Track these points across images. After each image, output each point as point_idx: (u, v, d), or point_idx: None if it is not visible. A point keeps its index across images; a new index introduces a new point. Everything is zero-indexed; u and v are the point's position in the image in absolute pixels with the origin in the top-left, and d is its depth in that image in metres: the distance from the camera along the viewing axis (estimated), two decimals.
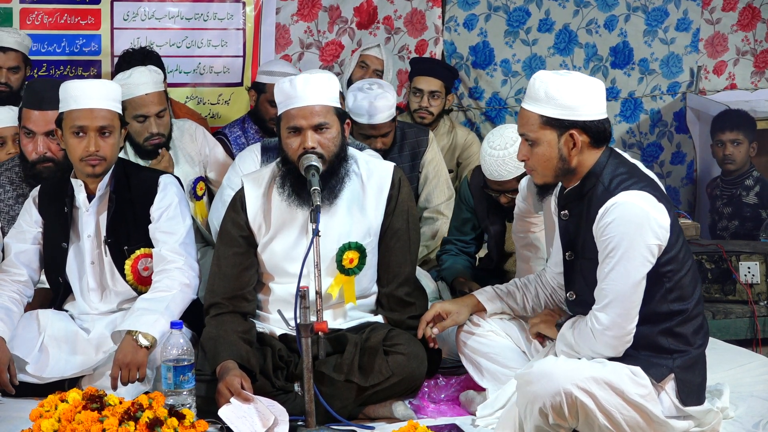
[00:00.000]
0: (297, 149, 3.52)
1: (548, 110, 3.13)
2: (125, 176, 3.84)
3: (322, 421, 3.31)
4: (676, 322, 3.13)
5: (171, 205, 3.84)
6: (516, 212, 4.09)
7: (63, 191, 3.84)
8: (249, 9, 5.85)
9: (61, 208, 3.83)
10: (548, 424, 3.05)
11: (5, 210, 4.13)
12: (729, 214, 5.96)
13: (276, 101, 3.61)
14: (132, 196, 3.82)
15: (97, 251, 3.84)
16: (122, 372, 3.50)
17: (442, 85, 5.38)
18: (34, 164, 4.04)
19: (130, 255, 3.81)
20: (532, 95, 3.16)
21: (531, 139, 3.17)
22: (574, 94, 3.12)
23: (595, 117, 3.14)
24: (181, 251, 3.79)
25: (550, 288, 3.55)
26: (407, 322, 3.68)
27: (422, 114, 5.34)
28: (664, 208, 3.07)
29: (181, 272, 3.75)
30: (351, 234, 3.62)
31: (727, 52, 6.67)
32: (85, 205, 3.80)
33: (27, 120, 4.03)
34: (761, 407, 3.47)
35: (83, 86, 3.75)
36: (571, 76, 3.16)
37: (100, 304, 3.86)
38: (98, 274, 3.85)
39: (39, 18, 5.55)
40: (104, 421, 2.93)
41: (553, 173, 3.19)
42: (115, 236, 3.81)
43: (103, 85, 3.83)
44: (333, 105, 3.56)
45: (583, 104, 3.12)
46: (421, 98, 5.36)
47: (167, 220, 3.82)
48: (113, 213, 3.79)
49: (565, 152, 3.15)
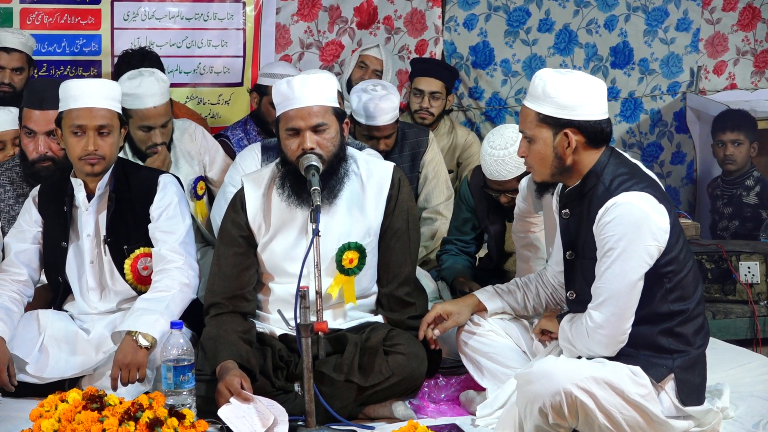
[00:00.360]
0: (296, 150, 3.52)
1: (544, 108, 3.13)
2: (125, 175, 3.84)
3: (322, 421, 3.31)
4: (677, 322, 3.13)
5: (171, 205, 3.84)
6: (516, 212, 4.09)
7: (63, 190, 3.84)
8: (249, 9, 5.85)
9: (61, 208, 3.83)
10: (548, 423, 3.05)
11: (5, 210, 4.13)
12: (729, 214, 5.96)
13: (274, 102, 3.62)
14: (132, 196, 3.82)
15: (96, 250, 3.84)
16: (122, 372, 3.50)
17: (442, 85, 5.38)
18: (34, 163, 4.04)
19: (130, 254, 3.81)
20: (532, 92, 3.17)
21: (528, 136, 3.19)
22: (571, 94, 3.12)
23: (592, 117, 3.13)
24: (181, 251, 3.79)
25: (551, 287, 3.55)
26: (407, 322, 3.68)
27: (423, 114, 5.34)
28: (665, 209, 3.07)
29: (180, 272, 3.75)
30: (351, 234, 3.62)
31: (727, 52, 6.67)
32: (85, 205, 3.80)
33: (28, 120, 4.04)
34: (761, 407, 3.47)
35: (82, 85, 3.75)
36: (573, 75, 3.16)
37: (99, 303, 3.86)
38: (98, 274, 3.85)
39: (39, 18, 5.55)
40: (104, 421, 2.93)
41: (549, 171, 3.20)
42: (114, 235, 3.81)
43: (103, 84, 3.83)
44: (331, 105, 3.56)
45: (580, 104, 3.12)
46: (421, 99, 5.36)
47: (167, 219, 3.82)
48: (113, 212, 3.79)
49: (560, 151, 3.15)
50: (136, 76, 4.44)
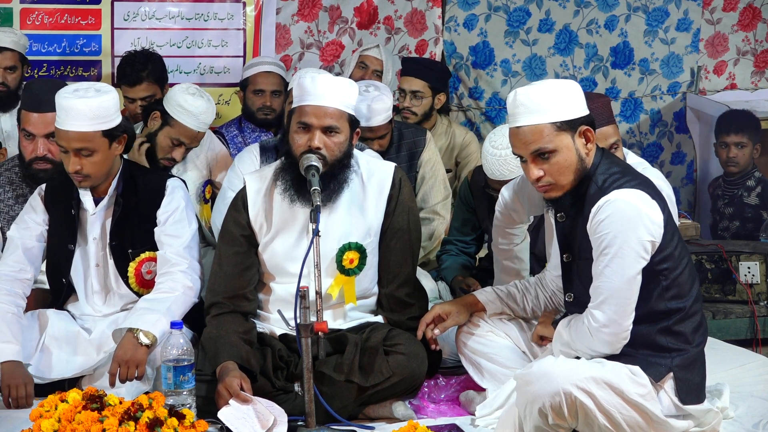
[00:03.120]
0: (302, 145, 3.52)
1: (557, 115, 3.12)
2: (132, 179, 3.82)
3: (322, 421, 3.32)
4: (675, 321, 3.13)
5: (178, 209, 3.83)
6: (496, 224, 3.96)
7: (70, 193, 3.81)
8: (249, 9, 5.85)
9: (68, 211, 3.81)
10: (548, 424, 3.05)
11: (5, 210, 4.12)
12: (730, 215, 5.96)
13: (293, 94, 3.62)
14: (139, 200, 3.81)
15: (102, 253, 3.83)
16: (121, 369, 3.50)
17: (425, 85, 5.35)
18: (31, 164, 4.01)
19: (135, 258, 3.81)
20: (531, 109, 3.12)
21: (548, 150, 3.11)
22: (568, 95, 3.15)
23: (586, 111, 3.18)
24: (186, 254, 3.79)
25: (550, 290, 3.55)
26: (407, 322, 3.68)
27: (405, 114, 5.33)
28: (657, 205, 3.08)
29: (184, 275, 3.75)
30: (351, 234, 3.62)
31: (727, 52, 6.67)
32: (92, 209, 3.79)
33: (26, 122, 4.00)
34: (761, 407, 3.47)
35: (68, 105, 3.61)
36: (545, 81, 3.21)
37: (103, 306, 3.85)
38: (102, 277, 3.84)
39: (39, 18, 5.55)
40: (104, 421, 2.93)
41: (573, 178, 3.15)
42: (119, 239, 3.80)
43: (89, 104, 3.62)
44: (347, 111, 3.57)
45: (576, 102, 3.16)
46: (404, 98, 5.36)
47: (173, 223, 3.81)
48: (119, 216, 3.78)
49: (582, 152, 3.15)
50: (198, 96, 4.47)
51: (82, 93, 3.65)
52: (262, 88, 5.26)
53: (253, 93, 5.27)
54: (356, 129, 3.64)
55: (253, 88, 5.27)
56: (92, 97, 3.64)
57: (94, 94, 3.66)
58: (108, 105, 3.67)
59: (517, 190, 3.80)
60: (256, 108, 5.25)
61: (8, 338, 3.61)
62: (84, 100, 3.62)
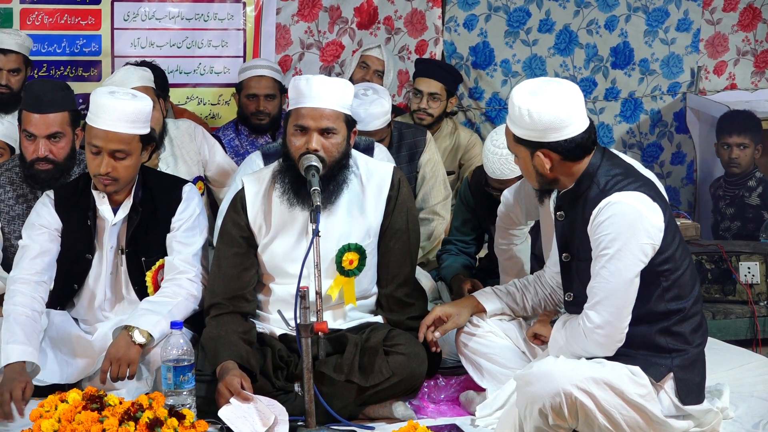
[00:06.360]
0: (300, 147, 3.52)
1: (517, 130, 3.15)
2: (147, 184, 3.78)
3: (322, 421, 3.32)
4: (674, 321, 3.13)
5: (192, 217, 3.80)
6: (498, 224, 4.01)
7: (84, 202, 3.75)
8: (249, 9, 5.85)
9: (84, 220, 3.75)
10: (548, 424, 3.05)
11: (5, 210, 4.12)
12: (731, 215, 5.96)
13: (289, 97, 3.62)
14: (155, 207, 3.77)
15: (115, 261, 3.79)
16: (112, 367, 3.48)
17: (442, 87, 5.38)
18: (32, 164, 3.98)
19: (150, 267, 3.77)
20: (509, 112, 3.18)
21: (511, 152, 3.25)
22: (541, 118, 3.07)
23: (565, 137, 3.09)
24: (194, 262, 3.77)
25: (550, 288, 3.55)
26: (407, 322, 3.68)
27: (421, 115, 5.36)
28: (659, 208, 3.07)
29: (190, 283, 3.74)
30: (351, 235, 3.62)
31: (727, 53, 6.67)
32: (110, 217, 3.73)
33: (27, 123, 3.97)
34: (761, 407, 3.47)
35: (107, 104, 3.59)
36: (545, 94, 3.10)
37: (111, 313, 3.82)
38: (114, 284, 3.81)
39: (39, 18, 5.55)
40: (104, 422, 2.93)
41: (536, 184, 3.24)
42: (133, 247, 3.76)
43: (127, 106, 3.59)
44: (344, 111, 3.56)
45: (551, 128, 3.08)
46: (420, 99, 5.37)
47: (186, 230, 3.79)
48: (137, 224, 3.74)
49: (539, 169, 3.16)
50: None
51: (120, 95, 3.64)
52: (255, 92, 5.27)
53: (247, 98, 5.30)
54: (353, 129, 3.63)
55: (246, 92, 5.30)
56: (132, 100, 3.64)
57: (131, 98, 3.65)
58: (147, 110, 3.67)
59: (516, 194, 3.87)
60: (250, 113, 5.28)
61: (21, 339, 3.54)
62: (125, 101, 3.61)
